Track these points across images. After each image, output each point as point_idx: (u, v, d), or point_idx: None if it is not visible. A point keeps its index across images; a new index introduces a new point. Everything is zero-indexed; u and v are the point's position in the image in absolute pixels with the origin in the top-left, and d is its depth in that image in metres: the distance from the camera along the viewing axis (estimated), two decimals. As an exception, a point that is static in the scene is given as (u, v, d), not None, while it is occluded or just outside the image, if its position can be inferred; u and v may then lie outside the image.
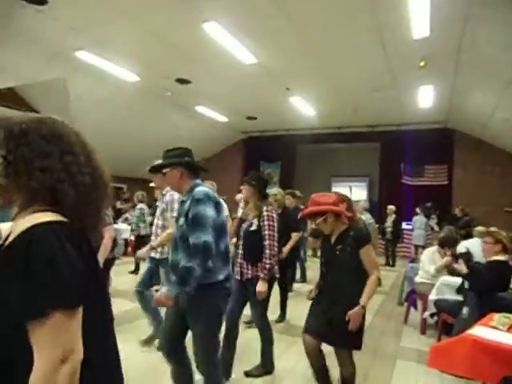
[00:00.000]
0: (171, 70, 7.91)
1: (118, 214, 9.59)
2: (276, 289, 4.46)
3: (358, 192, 13.07)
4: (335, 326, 2.36)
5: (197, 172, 2.37)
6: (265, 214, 3.03)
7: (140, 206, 6.93)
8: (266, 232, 2.99)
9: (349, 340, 2.41)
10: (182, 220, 2.23)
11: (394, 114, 10.61)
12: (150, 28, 6.11)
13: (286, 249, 4.67)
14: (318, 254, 2.90)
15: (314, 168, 13.37)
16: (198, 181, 2.34)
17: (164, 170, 2.35)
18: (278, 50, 6.82)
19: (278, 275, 3.25)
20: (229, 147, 14.44)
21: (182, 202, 2.31)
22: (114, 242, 4.19)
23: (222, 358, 2.92)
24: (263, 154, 13.67)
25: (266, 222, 3.01)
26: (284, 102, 9.66)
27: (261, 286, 2.94)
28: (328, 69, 7.67)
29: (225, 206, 4.94)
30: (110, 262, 4.24)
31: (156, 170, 2.46)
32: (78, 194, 0.89)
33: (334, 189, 12.07)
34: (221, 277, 2.24)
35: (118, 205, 9.91)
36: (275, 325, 4.50)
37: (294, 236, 4.83)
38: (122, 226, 8.68)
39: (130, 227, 7.95)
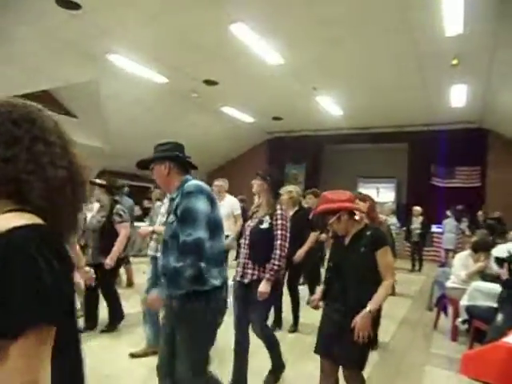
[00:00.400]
0: (199, 71, 8.01)
1: (145, 213, 9.82)
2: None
3: (385, 194, 12.81)
4: (344, 340, 2.12)
5: (187, 169, 2.18)
6: (279, 212, 2.82)
7: (157, 204, 7.01)
8: (279, 232, 2.78)
9: (350, 357, 2.15)
10: (172, 217, 2.03)
11: (424, 113, 10.32)
12: (179, 31, 6.21)
13: (300, 251, 4.27)
14: None
15: (341, 169, 13.20)
16: (189, 177, 2.13)
17: (151, 166, 2.16)
18: (305, 49, 6.78)
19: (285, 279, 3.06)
20: (255, 147, 14.48)
21: (172, 200, 2.12)
22: (128, 240, 4.14)
23: (237, 375, 2.78)
24: (289, 154, 13.61)
25: (279, 221, 2.79)
26: (311, 101, 9.59)
27: (264, 287, 2.69)
28: (356, 68, 7.56)
29: (236, 202, 4.89)
30: (121, 261, 4.17)
31: (143, 165, 2.21)
32: (48, 189, 0.76)
33: (360, 190, 11.88)
34: (217, 282, 1.97)
35: (146, 204, 10.14)
36: (287, 335, 4.24)
37: (312, 236, 4.43)
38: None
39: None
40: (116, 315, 4.04)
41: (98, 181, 4.19)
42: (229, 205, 4.96)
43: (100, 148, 9.85)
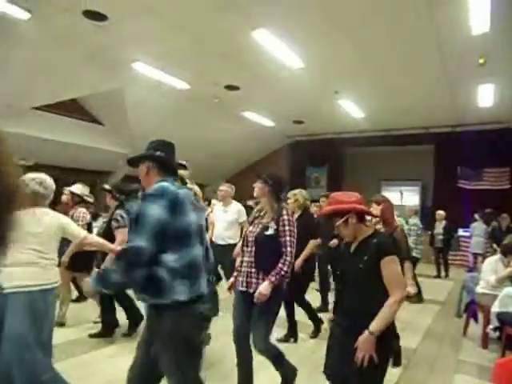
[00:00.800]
0: (220, 77, 8.11)
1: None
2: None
3: (409, 197, 12.54)
4: (349, 363, 1.87)
5: (169, 170, 2.01)
6: (285, 217, 2.66)
7: None
8: (288, 238, 2.63)
9: (361, 380, 1.89)
10: None
11: (450, 114, 10.07)
12: (201, 38, 6.31)
13: (298, 261, 3.87)
14: None
15: (364, 172, 13.03)
16: (167, 179, 1.95)
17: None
18: (326, 53, 6.76)
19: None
20: (275, 152, 14.48)
21: None
22: None
23: None
24: (310, 158, 13.56)
25: (287, 228, 2.64)
26: (332, 105, 9.54)
27: (265, 288, 2.51)
28: (379, 70, 7.47)
29: (242, 209, 4.73)
30: None
31: (133, 163, 2.09)
32: None
33: (384, 193, 11.68)
34: (182, 297, 1.78)
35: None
36: (308, 340, 4.18)
37: (311, 243, 4.10)
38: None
39: None
40: (133, 318, 4.05)
41: (106, 186, 4.30)
42: (234, 211, 4.83)
43: (126, 154, 10.10)
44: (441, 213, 8.91)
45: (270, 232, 2.65)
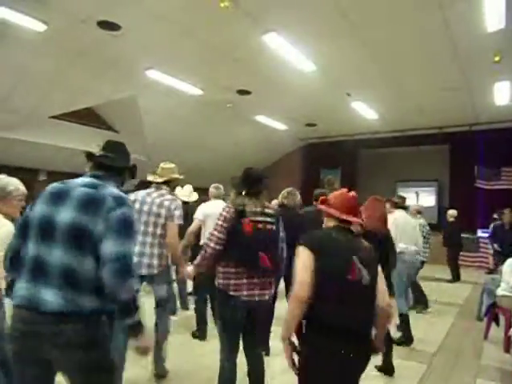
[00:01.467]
0: (232, 82, 8.16)
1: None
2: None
3: (425, 198, 12.35)
4: None
5: (101, 167, 1.82)
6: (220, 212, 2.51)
7: None
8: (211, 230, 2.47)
9: None
10: None
11: (465, 113, 9.90)
12: (212, 44, 6.37)
13: None
14: None
15: (378, 173, 12.88)
16: (87, 174, 1.80)
17: None
18: (338, 55, 6.74)
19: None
20: (288, 154, 14.47)
21: None
22: None
23: None
24: (323, 160, 13.48)
25: (218, 222, 2.44)
26: (345, 107, 9.48)
27: (186, 269, 2.60)
28: (392, 70, 7.40)
29: (205, 208, 4.27)
30: None
31: None
32: None
33: (400, 195, 11.51)
34: (11, 298, 1.57)
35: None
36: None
37: None
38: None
39: None
40: None
41: None
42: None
43: (140, 161, 10.23)
44: (450, 212, 8.56)
45: None
